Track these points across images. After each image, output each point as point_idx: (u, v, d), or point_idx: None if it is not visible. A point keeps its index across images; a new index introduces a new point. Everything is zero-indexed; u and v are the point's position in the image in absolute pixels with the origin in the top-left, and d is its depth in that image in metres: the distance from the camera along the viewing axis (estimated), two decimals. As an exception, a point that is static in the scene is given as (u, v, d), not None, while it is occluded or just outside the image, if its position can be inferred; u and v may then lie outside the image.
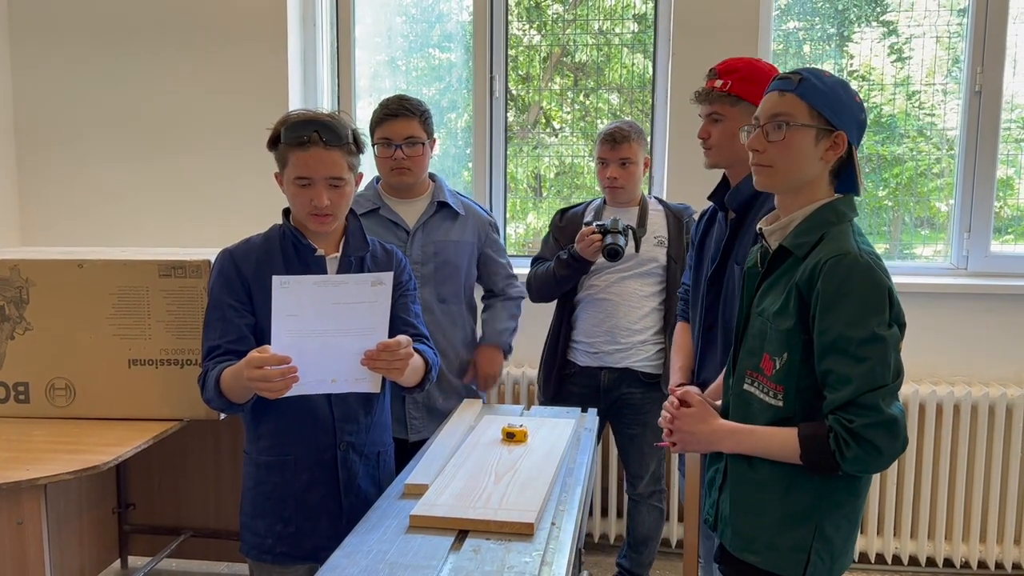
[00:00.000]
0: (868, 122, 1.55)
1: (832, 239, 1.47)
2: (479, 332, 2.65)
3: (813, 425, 1.44)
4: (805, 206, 1.52)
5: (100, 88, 3.45)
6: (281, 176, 1.85)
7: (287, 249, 1.87)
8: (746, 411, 1.56)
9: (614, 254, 2.43)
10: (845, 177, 1.54)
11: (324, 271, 1.87)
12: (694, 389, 1.67)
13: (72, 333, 2.31)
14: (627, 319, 2.65)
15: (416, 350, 1.87)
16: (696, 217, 2.66)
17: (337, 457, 1.90)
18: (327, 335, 1.68)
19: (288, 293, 1.65)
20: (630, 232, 2.54)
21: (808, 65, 2.22)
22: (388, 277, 1.70)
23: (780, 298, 1.50)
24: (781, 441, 1.46)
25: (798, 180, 1.51)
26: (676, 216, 2.70)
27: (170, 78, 3.41)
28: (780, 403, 1.49)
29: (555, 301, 2.75)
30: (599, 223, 2.52)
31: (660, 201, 2.76)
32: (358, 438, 1.93)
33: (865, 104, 1.54)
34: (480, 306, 2.68)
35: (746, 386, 1.57)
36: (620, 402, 2.69)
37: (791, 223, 1.53)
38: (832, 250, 1.44)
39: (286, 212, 1.91)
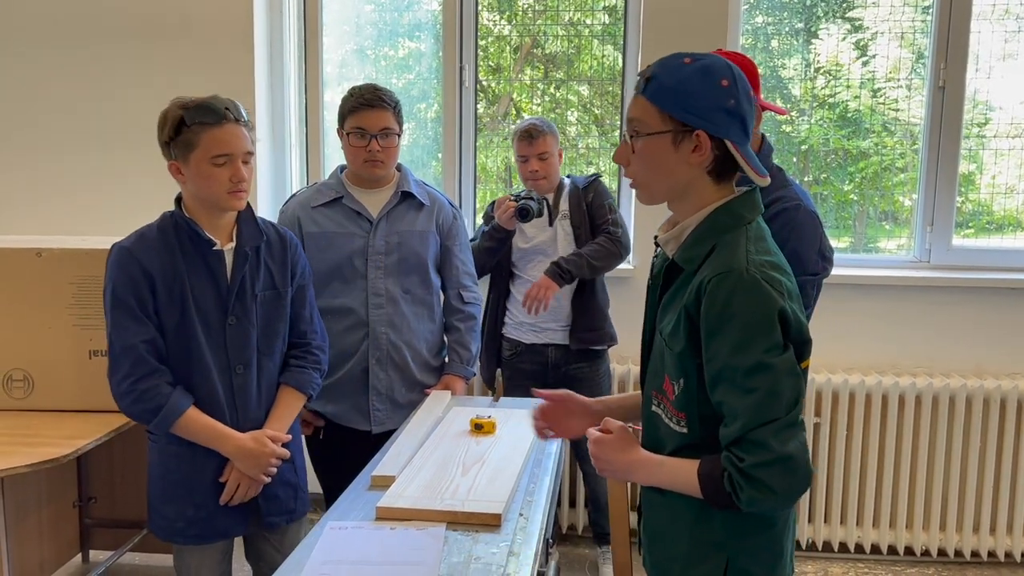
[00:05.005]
0: (746, 106, 1.33)
1: (721, 251, 1.31)
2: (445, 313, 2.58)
3: (711, 461, 1.30)
4: (697, 211, 1.36)
5: (62, 79, 3.37)
6: (182, 163, 1.84)
7: (183, 242, 1.88)
8: (655, 434, 1.44)
9: (524, 213, 2.71)
10: (735, 171, 1.36)
11: (223, 265, 1.90)
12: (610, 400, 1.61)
13: (30, 323, 2.26)
14: (562, 298, 2.85)
15: (291, 386, 2.03)
16: (603, 181, 2.95)
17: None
18: None
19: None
20: (544, 203, 2.82)
21: (774, 60, 2.21)
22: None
23: (674, 318, 1.35)
24: (685, 477, 1.33)
25: (671, 191, 1.36)
26: (577, 186, 2.92)
27: (133, 68, 3.33)
28: (685, 430, 1.36)
29: (489, 287, 2.99)
30: (515, 193, 2.81)
31: (571, 177, 3.00)
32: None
33: (740, 83, 1.33)
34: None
35: (653, 407, 1.44)
36: (568, 376, 2.89)
37: (684, 231, 1.37)
38: (717, 266, 1.28)
39: (178, 201, 1.92)
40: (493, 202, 2.96)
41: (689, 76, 1.31)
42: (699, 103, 1.30)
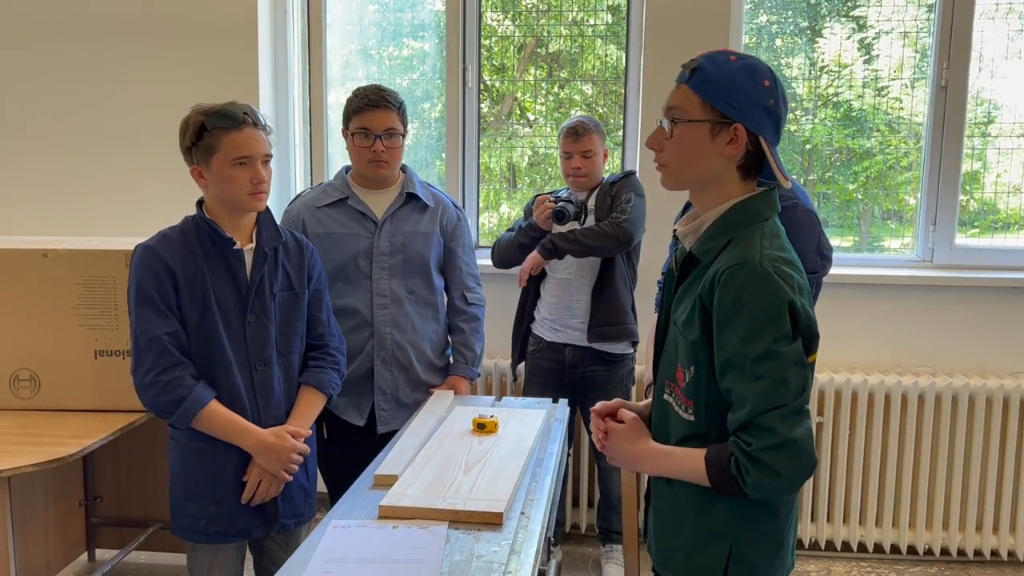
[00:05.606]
0: (783, 109, 1.39)
1: (736, 245, 1.35)
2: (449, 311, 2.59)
3: (718, 448, 1.35)
4: (718, 205, 1.40)
5: (67, 79, 3.38)
6: (204, 167, 1.90)
7: (204, 242, 1.92)
8: (665, 423, 1.48)
9: (560, 216, 2.77)
10: (764, 170, 1.42)
11: (243, 264, 1.94)
12: (633, 404, 1.61)
13: (36, 323, 2.28)
14: (580, 293, 2.88)
15: (311, 385, 2.05)
16: (635, 177, 2.93)
17: None
18: None
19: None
20: (584, 207, 2.86)
21: (778, 59, 2.22)
22: None
23: (688, 307, 1.40)
24: (693, 465, 1.37)
25: (698, 179, 1.41)
26: (607, 182, 2.92)
27: (138, 68, 3.35)
28: (692, 418, 1.41)
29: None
30: (555, 195, 2.87)
31: (609, 177, 2.98)
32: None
33: (780, 87, 1.39)
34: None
35: (665, 396, 1.48)
36: (585, 378, 2.91)
37: (703, 225, 1.42)
38: (732, 259, 1.33)
39: (199, 204, 1.97)
40: (535, 197, 2.99)
41: (735, 71, 1.36)
42: (742, 98, 1.35)
